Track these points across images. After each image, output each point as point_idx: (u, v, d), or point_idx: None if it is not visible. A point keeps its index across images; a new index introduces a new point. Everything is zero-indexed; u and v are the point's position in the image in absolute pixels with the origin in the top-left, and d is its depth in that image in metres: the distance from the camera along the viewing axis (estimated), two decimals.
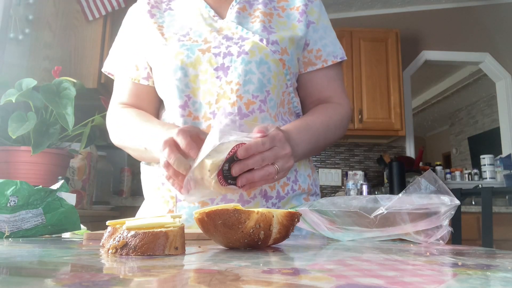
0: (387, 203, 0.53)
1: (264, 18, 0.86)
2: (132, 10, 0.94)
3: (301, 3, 0.90)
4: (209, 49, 0.81)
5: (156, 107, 0.91)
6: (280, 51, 0.83)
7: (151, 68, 0.88)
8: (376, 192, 3.45)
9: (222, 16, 0.88)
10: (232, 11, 0.87)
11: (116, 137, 0.88)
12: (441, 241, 0.54)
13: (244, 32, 0.83)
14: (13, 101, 1.34)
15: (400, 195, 0.54)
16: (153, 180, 0.86)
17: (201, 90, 0.81)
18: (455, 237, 1.64)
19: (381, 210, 0.52)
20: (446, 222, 0.54)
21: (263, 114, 0.81)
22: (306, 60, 0.90)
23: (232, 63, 0.80)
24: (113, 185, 2.55)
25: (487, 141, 5.49)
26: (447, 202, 0.53)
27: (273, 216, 0.43)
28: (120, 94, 0.91)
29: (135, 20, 0.91)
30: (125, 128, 0.85)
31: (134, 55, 0.89)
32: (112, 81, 0.97)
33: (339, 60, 0.91)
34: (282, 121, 0.85)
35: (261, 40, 0.81)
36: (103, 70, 0.96)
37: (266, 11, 0.88)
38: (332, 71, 0.92)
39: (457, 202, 0.53)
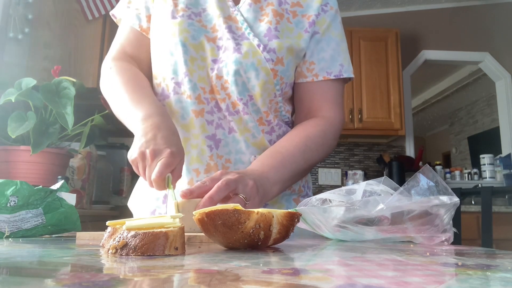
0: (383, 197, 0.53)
1: (273, 19, 0.83)
2: None
3: (314, 12, 0.86)
4: (215, 39, 0.81)
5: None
6: (275, 61, 0.80)
7: None
8: None
9: (235, 1, 0.86)
10: (245, 1, 0.85)
11: (105, 93, 0.86)
12: (445, 242, 0.55)
13: (247, 32, 0.82)
14: (13, 100, 1.34)
15: (400, 189, 0.54)
16: None
17: (197, 74, 0.80)
18: (455, 237, 1.64)
19: (381, 206, 0.52)
20: (449, 225, 0.54)
21: (247, 116, 0.81)
22: (299, 70, 0.87)
23: (226, 59, 0.80)
24: (113, 185, 2.55)
25: (486, 141, 5.49)
26: (447, 201, 0.53)
27: (273, 216, 0.43)
28: (123, 40, 0.90)
29: None
30: (114, 91, 0.82)
31: (148, 8, 0.88)
32: None
33: (332, 77, 0.85)
34: (268, 127, 0.84)
35: (258, 45, 0.80)
36: (110, 13, 0.94)
37: (278, 10, 0.85)
38: (327, 84, 0.87)
39: (456, 199, 0.53)
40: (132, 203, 0.93)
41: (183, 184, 0.81)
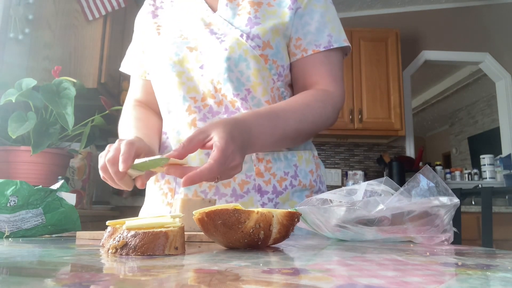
0: (384, 198, 0.53)
1: (251, 8, 0.82)
2: (139, 12, 0.99)
3: None
4: (197, 47, 0.82)
5: None
6: (262, 46, 0.79)
7: None
8: None
9: (214, 9, 0.86)
10: (222, 4, 0.85)
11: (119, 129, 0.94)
12: (445, 242, 0.54)
13: (228, 28, 0.81)
14: (13, 101, 1.34)
15: (400, 190, 0.54)
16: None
17: (185, 86, 0.82)
18: (455, 237, 1.65)
19: (381, 206, 0.52)
20: (450, 225, 0.54)
21: (248, 111, 0.80)
22: (289, 50, 0.84)
23: (214, 60, 0.80)
24: None
25: (487, 141, 5.49)
26: (447, 202, 0.53)
27: (273, 216, 0.43)
28: (133, 90, 0.99)
29: (141, 21, 0.96)
30: (122, 126, 0.91)
31: (141, 54, 0.95)
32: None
33: (322, 49, 0.82)
34: None
35: (241, 35, 0.79)
36: (120, 69, 1.03)
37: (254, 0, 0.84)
38: (320, 57, 0.83)
39: (457, 201, 0.53)
40: (143, 215, 0.92)
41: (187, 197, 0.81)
